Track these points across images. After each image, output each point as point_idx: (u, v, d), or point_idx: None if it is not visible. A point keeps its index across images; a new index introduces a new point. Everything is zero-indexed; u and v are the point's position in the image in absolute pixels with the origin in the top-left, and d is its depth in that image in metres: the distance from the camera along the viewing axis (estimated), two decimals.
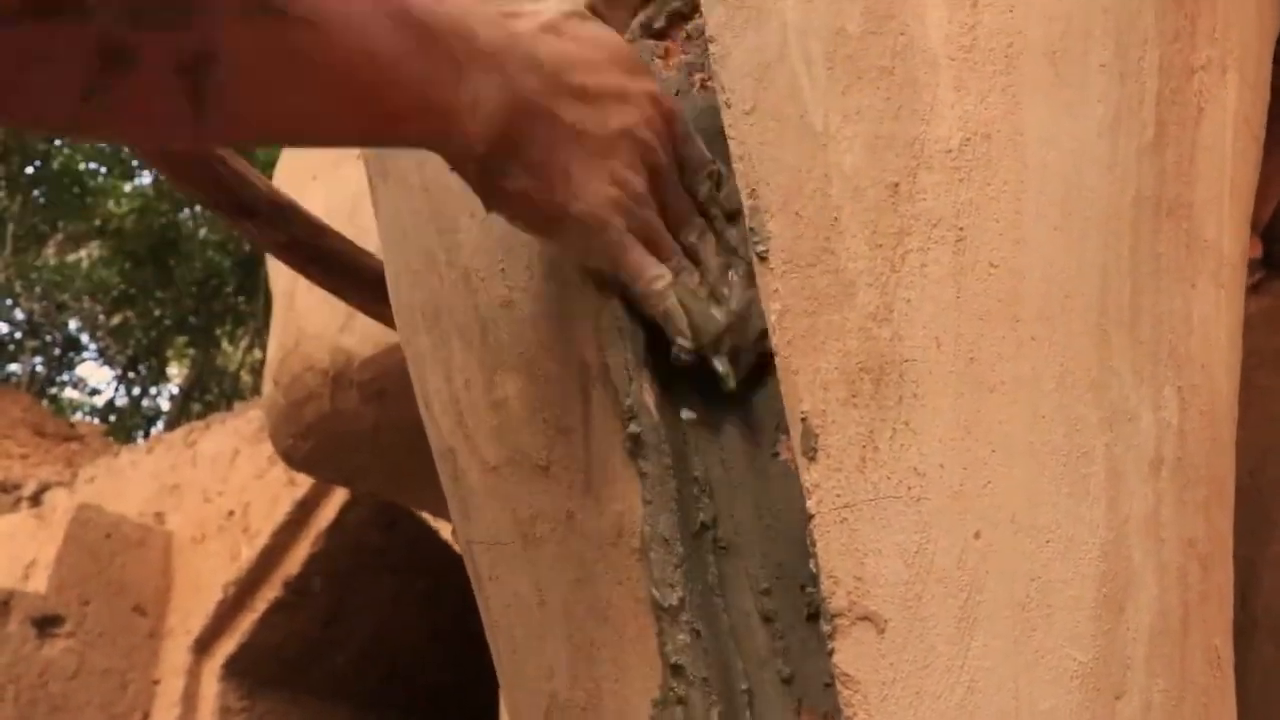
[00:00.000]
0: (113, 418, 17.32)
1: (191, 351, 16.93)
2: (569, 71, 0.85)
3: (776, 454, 0.97)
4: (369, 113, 0.78)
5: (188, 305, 15.50)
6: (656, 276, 0.92)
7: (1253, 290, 1.68)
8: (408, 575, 6.49)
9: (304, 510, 6.23)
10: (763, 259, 0.91)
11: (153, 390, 18.02)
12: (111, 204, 15.15)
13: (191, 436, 7.61)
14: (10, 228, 15.14)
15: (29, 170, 15.19)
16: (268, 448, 6.28)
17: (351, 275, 1.99)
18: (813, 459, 0.88)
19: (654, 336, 0.96)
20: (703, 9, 1.00)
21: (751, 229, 0.92)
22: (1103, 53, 0.99)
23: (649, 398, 0.94)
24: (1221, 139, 1.10)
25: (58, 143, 14.79)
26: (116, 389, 17.75)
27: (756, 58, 0.96)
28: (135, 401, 17.81)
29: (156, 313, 15.98)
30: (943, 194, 0.91)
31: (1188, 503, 0.96)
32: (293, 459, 3.27)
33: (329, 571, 6.37)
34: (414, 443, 1.38)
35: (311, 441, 3.16)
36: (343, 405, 3.01)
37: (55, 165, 14.79)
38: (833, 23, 0.96)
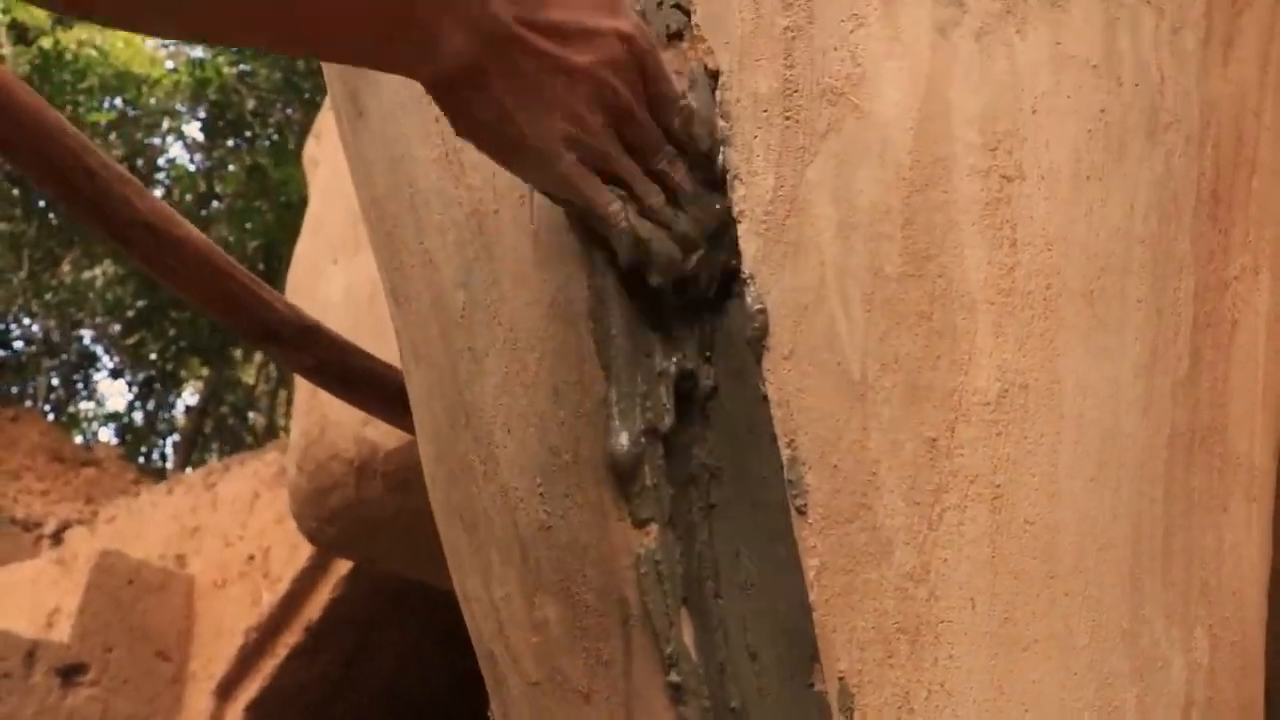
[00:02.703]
0: (129, 436, 17.38)
1: (206, 371, 16.97)
2: (542, 5, 0.88)
3: (811, 684, 0.98)
4: (361, 19, 0.82)
5: (202, 324, 15.52)
6: (609, 201, 0.96)
7: None
8: (427, 620, 6.49)
9: (324, 555, 6.25)
10: (801, 512, 0.92)
11: (168, 402, 18.08)
12: None
13: (211, 478, 7.64)
14: (26, 246, 15.19)
15: None
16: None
17: (376, 391, 1.99)
18: (850, 719, 0.89)
19: (691, 571, 0.97)
20: (739, 239, 1.00)
21: (790, 480, 0.93)
22: (1140, 287, 0.99)
23: (689, 639, 0.96)
24: (1255, 348, 1.09)
25: None
26: (131, 406, 17.82)
27: (795, 299, 0.96)
28: (150, 418, 17.86)
29: (171, 331, 16.02)
30: (980, 449, 0.92)
31: None
32: (317, 540, 3.29)
33: (350, 617, 6.38)
34: (438, 528, 1.39)
35: (336, 526, 3.18)
36: (368, 494, 3.03)
37: None
38: (871, 263, 0.96)
